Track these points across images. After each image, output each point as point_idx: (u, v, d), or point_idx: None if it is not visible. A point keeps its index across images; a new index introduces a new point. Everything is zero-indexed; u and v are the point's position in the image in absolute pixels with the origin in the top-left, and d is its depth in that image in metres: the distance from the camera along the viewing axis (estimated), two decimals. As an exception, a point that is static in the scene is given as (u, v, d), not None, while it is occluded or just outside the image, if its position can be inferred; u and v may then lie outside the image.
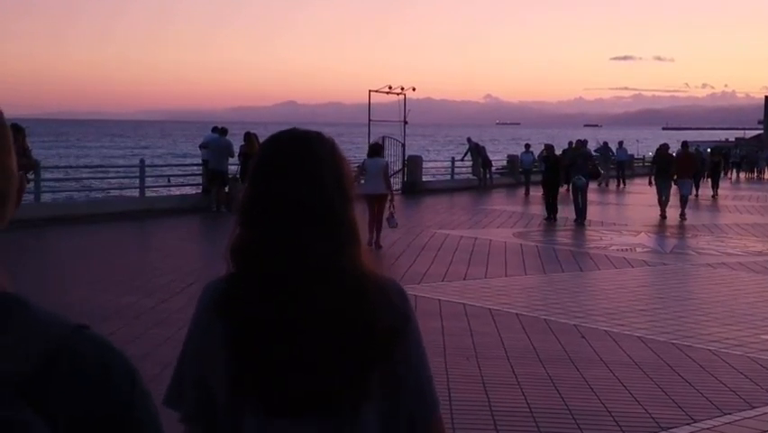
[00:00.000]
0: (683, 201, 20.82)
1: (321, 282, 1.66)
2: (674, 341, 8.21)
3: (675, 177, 20.59)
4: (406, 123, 26.62)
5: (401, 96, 26.51)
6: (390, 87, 26.23)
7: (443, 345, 7.72)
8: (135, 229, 16.98)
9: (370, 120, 25.74)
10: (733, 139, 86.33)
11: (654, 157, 23.17)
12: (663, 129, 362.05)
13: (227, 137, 20.16)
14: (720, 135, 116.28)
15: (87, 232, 15.76)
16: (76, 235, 15.36)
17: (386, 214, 14.00)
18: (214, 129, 20.65)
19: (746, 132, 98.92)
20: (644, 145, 74.18)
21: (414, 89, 26.48)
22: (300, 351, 1.63)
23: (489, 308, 9.48)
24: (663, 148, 21.31)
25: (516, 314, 9.24)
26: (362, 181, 13.69)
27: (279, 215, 1.68)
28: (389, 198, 14.11)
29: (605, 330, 8.59)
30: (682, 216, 20.48)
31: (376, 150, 15.07)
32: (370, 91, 25.81)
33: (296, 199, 1.68)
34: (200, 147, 21.55)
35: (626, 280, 11.96)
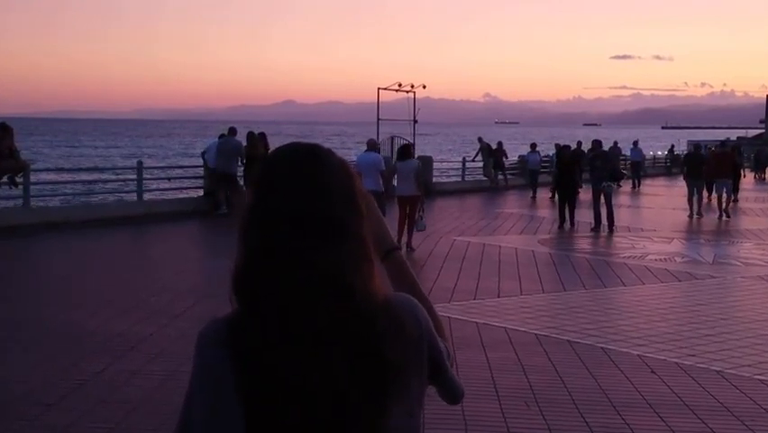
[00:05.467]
0: (725, 200, 20.65)
1: (328, 305, 1.44)
2: (759, 377, 7.04)
3: (709, 177, 20.25)
4: (415, 121, 25.51)
5: (405, 95, 25.44)
6: (400, 85, 25.13)
7: (494, 385, 6.55)
8: (132, 236, 15.81)
9: (378, 119, 24.63)
10: (734, 138, 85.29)
11: (685, 156, 22.61)
12: (663, 128, 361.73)
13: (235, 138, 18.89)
14: (721, 134, 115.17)
15: (80, 240, 14.57)
16: (67, 244, 14.17)
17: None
18: (221, 136, 19.12)
19: (748, 131, 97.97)
20: (644, 144, 72.94)
21: (424, 87, 25.45)
22: (310, 389, 1.42)
23: (536, 334, 8.32)
24: (696, 148, 20.62)
25: (568, 341, 8.06)
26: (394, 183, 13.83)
27: (283, 229, 1.47)
28: (421, 200, 13.87)
29: (675, 362, 7.42)
30: (726, 215, 20.28)
31: (406, 151, 14.51)
32: (378, 89, 24.70)
33: (301, 212, 1.48)
34: (203, 154, 20.11)
35: (678, 296, 10.79)
